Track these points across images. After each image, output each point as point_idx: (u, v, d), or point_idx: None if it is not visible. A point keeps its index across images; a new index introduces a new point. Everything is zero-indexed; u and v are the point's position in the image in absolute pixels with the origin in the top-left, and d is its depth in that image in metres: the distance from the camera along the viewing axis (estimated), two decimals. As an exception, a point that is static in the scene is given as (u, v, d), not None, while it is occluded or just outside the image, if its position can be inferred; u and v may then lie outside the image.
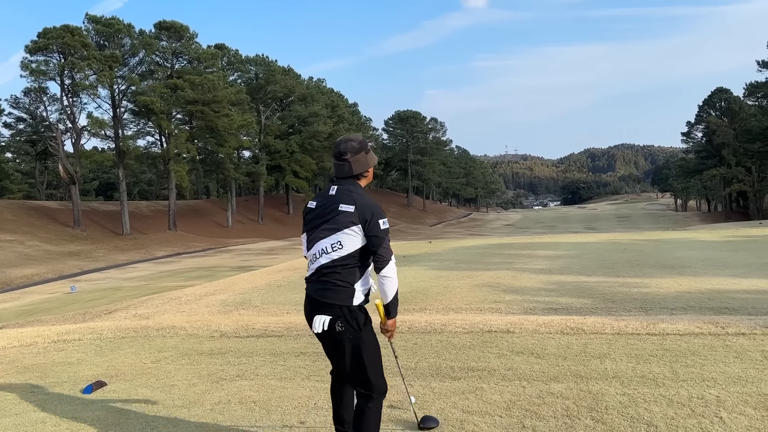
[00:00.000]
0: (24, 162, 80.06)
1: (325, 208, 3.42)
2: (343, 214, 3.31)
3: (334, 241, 3.32)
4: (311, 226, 3.48)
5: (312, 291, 3.43)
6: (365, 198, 3.38)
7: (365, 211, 3.31)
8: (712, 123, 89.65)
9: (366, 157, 3.48)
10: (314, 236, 3.42)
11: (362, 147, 3.47)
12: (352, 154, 3.43)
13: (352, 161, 3.43)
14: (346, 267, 3.33)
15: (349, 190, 3.39)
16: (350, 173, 3.44)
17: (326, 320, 3.31)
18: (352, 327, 3.34)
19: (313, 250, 3.42)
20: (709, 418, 3.98)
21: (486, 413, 4.37)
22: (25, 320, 15.55)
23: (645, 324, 6.68)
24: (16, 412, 5.19)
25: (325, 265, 3.35)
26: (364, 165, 3.48)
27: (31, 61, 52.50)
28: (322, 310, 3.34)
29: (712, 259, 14.73)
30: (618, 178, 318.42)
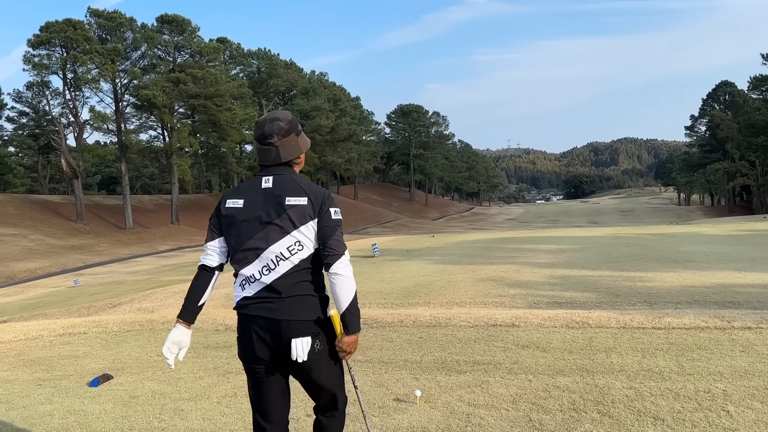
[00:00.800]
0: (27, 156, 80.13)
1: (260, 205, 2.75)
2: (296, 208, 2.71)
3: (291, 243, 2.71)
4: (242, 231, 2.77)
5: (273, 311, 2.70)
6: (314, 185, 2.84)
7: (318, 200, 2.75)
8: (716, 117, 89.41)
9: (297, 140, 2.86)
10: (254, 243, 2.74)
11: (292, 128, 2.85)
12: (280, 136, 2.81)
13: (279, 146, 2.81)
14: (313, 271, 2.79)
15: (290, 179, 2.79)
16: (278, 160, 2.81)
17: (308, 342, 2.70)
18: (328, 344, 2.80)
19: (258, 262, 2.73)
20: (716, 412, 3.98)
21: (492, 406, 4.38)
22: (30, 314, 15.59)
23: (650, 318, 6.68)
24: (24, 405, 5.20)
25: (286, 274, 2.70)
26: (295, 150, 2.86)
27: (33, 55, 52.53)
28: (296, 331, 2.69)
29: (716, 253, 14.72)
30: (621, 172, 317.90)
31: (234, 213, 2.80)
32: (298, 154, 2.87)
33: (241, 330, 2.80)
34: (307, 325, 2.71)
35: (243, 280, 2.78)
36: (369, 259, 17.53)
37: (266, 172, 2.82)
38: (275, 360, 2.76)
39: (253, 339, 2.73)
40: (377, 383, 5.11)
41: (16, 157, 77.69)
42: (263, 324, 2.71)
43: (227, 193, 2.91)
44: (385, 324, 7.37)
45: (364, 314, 8.08)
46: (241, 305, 2.80)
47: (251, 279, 2.75)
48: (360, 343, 6.48)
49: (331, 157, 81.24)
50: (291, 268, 2.72)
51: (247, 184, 2.87)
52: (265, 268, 2.72)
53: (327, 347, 2.79)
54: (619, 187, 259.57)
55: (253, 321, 2.73)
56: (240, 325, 2.82)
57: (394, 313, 8.30)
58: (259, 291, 2.73)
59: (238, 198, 2.82)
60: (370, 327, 7.31)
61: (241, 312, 2.80)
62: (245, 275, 2.76)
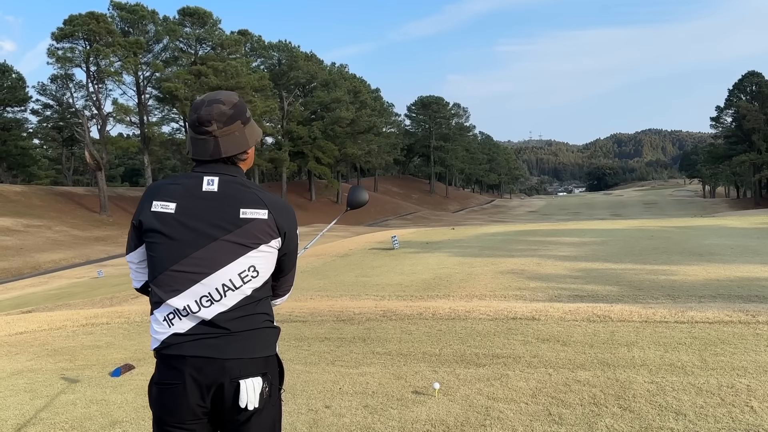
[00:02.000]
0: (51, 148, 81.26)
1: (201, 214, 2.08)
2: (253, 223, 2.08)
3: (243, 268, 2.07)
4: (172, 246, 2.07)
5: (218, 348, 2.05)
6: (272, 195, 2.19)
7: (283, 218, 2.15)
8: (742, 107, 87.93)
9: (244, 130, 2.16)
10: (190, 265, 2.06)
11: (237, 114, 2.15)
12: (220, 123, 2.11)
13: (219, 136, 2.11)
14: (264, 296, 2.17)
15: (242, 184, 2.13)
16: (216, 155, 2.11)
17: (259, 383, 2.07)
18: (278, 387, 2.19)
19: (194, 290, 2.05)
20: (740, 408, 3.91)
21: (512, 400, 4.35)
22: (54, 304, 15.84)
23: (673, 312, 6.59)
24: (47, 394, 5.28)
25: (235, 308, 2.06)
26: (240, 143, 2.16)
27: (57, 48, 53.30)
28: (247, 371, 2.06)
29: (741, 246, 14.49)
30: (645, 164, 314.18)
31: (161, 220, 2.09)
32: (244, 149, 2.17)
33: (166, 376, 2.07)
34: (257, 364, 2.08)
35: (170, 312, 2.07)
36: (389, 252, 17.53)
37: (207, 170, 2.13)
38: (211, 414, 2.10)
39: (186, 387, 2.03)
40: (396, 375, 5.10)
41: (40, 149, 78.82)
42: (203, 367, 2.03)
43: (150, 188, 2.18)
44: (405, 316, 7.36)
45: (384, 306, 8.09)
46: (167, 344, 2.07)
47: (183, 312, 2.05)
48: (379, 336, 6.50)
49: (351, 149, 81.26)
50: (241, 300, 2.08)
51: (180, 181, 2.14)
52: (206, 299, 2.05)
53: (275, 393, 2.16)
54: (643, 179, 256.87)
55: (188, 363, 2.04)
56: (163, 370, 2.09)
57: (414, 305, 8.29)
58: (196, 326, 2.06)
59: (167, 200, 2.10)
60: (389, 319, 7.31)
61: (166, 353, 2.08)
62: (174, 307, 2.06)
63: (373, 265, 14.79)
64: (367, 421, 4.12)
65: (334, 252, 18.96)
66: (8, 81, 64.18)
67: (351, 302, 9.18)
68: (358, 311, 7.82)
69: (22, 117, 68.64)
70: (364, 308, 8.01)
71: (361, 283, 12.04)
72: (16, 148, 64.90)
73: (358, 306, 8.31)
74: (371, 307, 8.04)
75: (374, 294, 10.64)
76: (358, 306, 8.31)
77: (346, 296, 10.52)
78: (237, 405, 2.04)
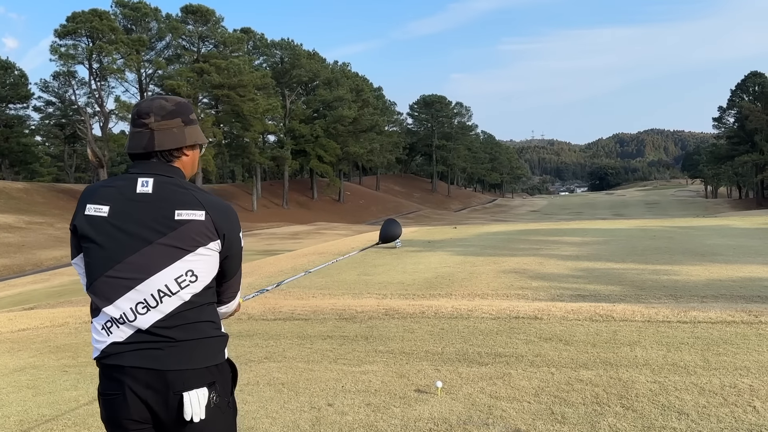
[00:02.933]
0: (53, 145, 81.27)
1: (135, 217, 2.01)
2: (189, 225, 2.00)
3: (180, 272, 1.99)
4: (106, 251, 2.00)
5: (159, 359, 1.97)
6: (211, 195, 2.10)
7: (222, 219, 2.06)
8: (744, 108, 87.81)
9: (184, 129, 2.13)
10: (124, 270, 1.99)
11: (178, 112, 2.13)
12: (158, 117, 2.09)
13: (155, 129, 2.08)
14: (208, 302, 2.09)
15: (178, 185, 2.06)
16: (150, 148, 2.07)
17: (204, 393, 1.99)
18: (227, 395, 2.09)
19: (129, 297, 1.98)
20: (742, 407, 3.91)
21: (514, 399, 4.35)
22: (56, 301, 15.85)
23: (676, 311, 6.59)
24: (50, 390, 5.29)
25: (172, 314, 1.99)
26: (177, 139, 2.11)
27: (60, 45, 53.42)
28: (191, 383, 1.98)
29: (743, 246, 14.48)
30: (647, 164, 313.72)
31: (95, 224, 2.02)
32: (179, 145, 2.11)
33: (106, 386, 2.02)
34: (202, 374, 2.00)
35: (107, 320, 2.00)
36: (391, 251, 17.53)
37: (143, 170, 2.08)
38: (156, 424, 2.02)
39: (127, 399, 1.96)
40: (398, 374, 5.11)
41: (42, 147, 78.83)
42: (143, 378, 1.96)
43: (85, 191, 2.12)
44: (407, 315, 7.36)
45: (386, 305, 8.09)
46: (107, 354, 2.01)
47: (119, 320, 1.99)
48: (381, 334, 6.51)
49: (353, 147, 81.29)
50: (179, 306, 2.00)
51: (115, 183, 2.09)
52: (141, 305, 1.98)
53: (224, 401, 2.07)
54: (645, 179, 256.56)
55: (127, 374, 1.97)
56: (104, 380, 2.04)
57: (416, 304, 8.30)
58: (133, 334, 1.99)
59: (101, 203, 2.04)
60: (391, 318, 7.31)
61: (107, 363, 2.02)
62: (110, 315, 1.99)
63: (375, 263, 14.79)
64: (370, 419, 4.13)
65: (336, 250, 18.97)
66: (11, 78, 64.17)
67: (353, 301, 9.19)
68: (361, 310, 7.83)
69: (25, 114, 68.67)
70: (366, 307, 8.02)
71: (363, 282, 12.04)
72: (18, 145, 64.94)
73: (361, 304, 8.31)
74: (373, 306, 8.05)
75: (376, 292, 10.65)
76: (361, 304, 8.31)
77: (348, 295, 10.53)
78: (182, 417, 1.96)
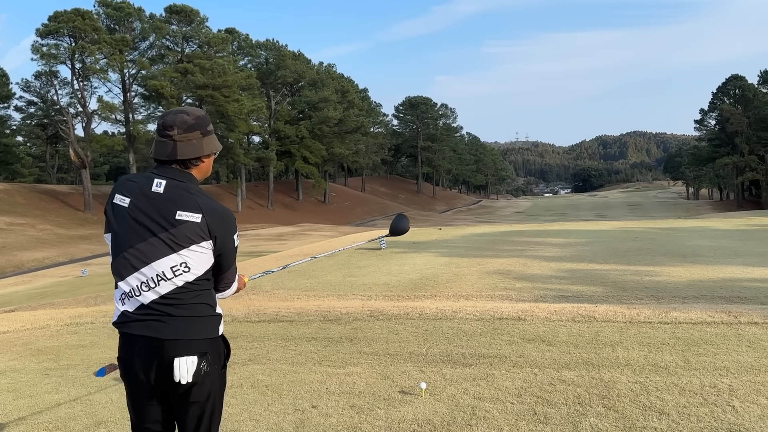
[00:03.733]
0: (35, 146, 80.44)
1: (146, 211, 2.41)
2: (186, 225, 2.37)
3: (175, 263, 2.37)
4: (123, 235, 2.45)
5: (158, 330, 2.37)
6: (211, 201, 2.45)
7: (216, 223, 2.41)
8: (725, 111, 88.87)
9: (202, 140, 2.49)
10: (133, 254, 2.40)
11: (198, 125, 2.48)
12: (181, 130, 2.44)
13: (178, 140, 2.43)
14: (203, 288, 2.47)
15: (186, 189, 2.43)
16: (173, 156, 2.43)
17: (194, 361, 2.36)
18: (216, 366, 2.47)
19: (135, 277, 2.39)
20: (722, 407, 3.96)
21: (497, 400, 4.38)
22: (38, 303, 15.69)
23: (657, 312, 6.66)
24: (30, 394, 5.24)
25: (168, 295, 2.38)
26: (196, 150, 2.47)
27: (42, 45, 52.78)
28: (182, 350, 2.36)
29: (724, 247, 14.65)
30: (630, 166, 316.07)
31: (117, 212, 2.48)
32: (198, 155, 2.48)
33: (122, 350, 2.46)
34: (194, 344, 2.39)
35: (122, 293, 2.44)
36: (376, 252, 17.54)
37: (160, 173, 2.46)
38: (157, 385, 2.40)
39: (134, 362, 2.40)
40: (383, 375, 5.12)
41: (24, 147, 78.01)
42: (146, 345, 2.37)
43: (117, 181, 2.58)
44: (391, 316, 7.37)
45: (371, 306, 8.10)
46: (120, 322, 2.45)
47: (129, 294, 2.41)
48: (366, 335, 6.52)
49: (338, 148, 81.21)
50: (174, 289, 2.38)
51: (138, 180, 2.50)
52: (144, 285, 2.38)
53: (216, 370, 2.46)
54: (628, 180, 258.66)
55: (135, 342, 2.40)
56: (120, 346, 2.47)
57: (401, 305, 8.31)
58: (138, 308, 2.40)
59: (125, 195, 2.47)
60: (376, 319, 7.32)
61: (121, 330, 2.46)
62: (122, 289, 2.43)
63: (360, 265, 14.79)
64: (354, 420, 4.14)
65: (321, 251, 18.94)
66: (-9, 77, 63.47)
67: (338, 302, 9.19)
68: (345, 311, 7.82)
69: (6, 114, 67.85)
70: (351, 308, 8.02)
71: (348, 283, 12.04)
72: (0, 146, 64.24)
73: (345, 306, 8.31)
74: (358, 307, 8.05)
75: (361, 294, 10.65)
76: (345, 306, 8.31)
77: (333, 296, 10.52)
78: (173, 379, 2.36)
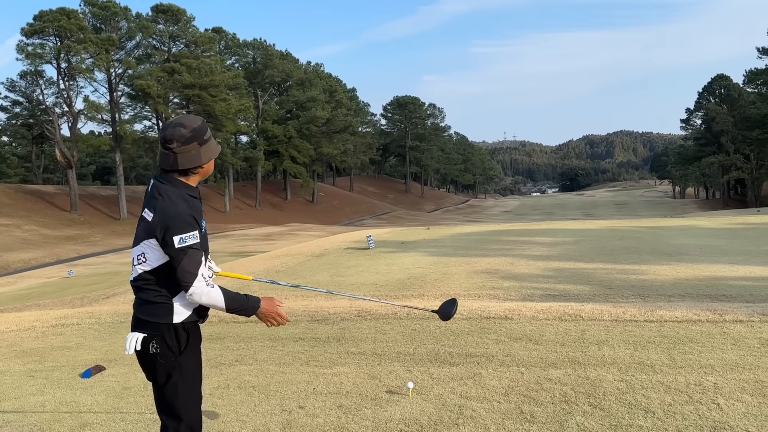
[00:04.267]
0: (20, 146, 79.74)
1: (143, 206, 2.86)
2: (145, 222, 2.75)
3: (138, 252, 2.78)
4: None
5: (135, 307, 2.90)
6: (168, 205, 2.69)
7: (158, 224, 2.67)
8: (711, 110, 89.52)
9: (199, 150, 2.74)
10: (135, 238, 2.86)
11: (195, 136, 2.73)
12: (180, 143, 2.71)
13: (178, 153, 2.72)
14: (160, 279, 2.77)
15: (158, 192, 2.74)
16: (175, 167, 2.73)
17: (139, 338, 2.76)
18: (169, 350, 2.77)
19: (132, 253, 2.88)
20: (707, 405, 3.99)
21: (484, 399, 4.38)
22: (23, 304, 15.56)
23: (643, 311, 6.70)
24: (15, 396, 5.20)
25: (138, 277, 2.80)
26: (195, 160, 2.75)
27: (27, 44, 52.25)
28: (138, 326, 2.80)
29: (709, 246, 14.76)
30: (616, 165, 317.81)
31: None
32: (197, 164, 2.76)
33: None
34: (143, 324, 2.79)
35: None
36: (364, 251, 17.53)
37: (156, 177, 2.81)
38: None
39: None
40: (370, 375, 5.11)
41: (9, 147, 77.33)
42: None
43: None
44: (379, 316, 7.37)
45: (359, 306, 8.09)
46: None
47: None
48: (354, 335, 6.51)
49: (326, 148, 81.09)
50: (140, 274, 2.78)
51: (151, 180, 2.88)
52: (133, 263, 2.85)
53: (170, 354, 2.77)
54: (615, 179, 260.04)
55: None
56: None
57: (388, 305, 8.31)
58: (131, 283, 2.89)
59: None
60: (363, 319, 7.32)
61: None
62: None
63: (348, 264, 14.78)
64: (341, 421, 4.13)
65: (309, 252, 18.91)
66: (-24, 77, 62.80)
67: (326, 302, 9.17)
68: (333, 311, 7.82)
69: (-10, 114, 67.33)
70: (338, 308, 8.01)
71: (336, 283, 12.03)
72: (-16, 146, 63.63)
73: (333, 306, 8.30)
74: (346, 307, 8.05)
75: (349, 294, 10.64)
76: (333, 306, 8.30)
77: (321, 296, 10.51)
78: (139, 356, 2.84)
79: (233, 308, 2.81)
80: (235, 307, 2.82)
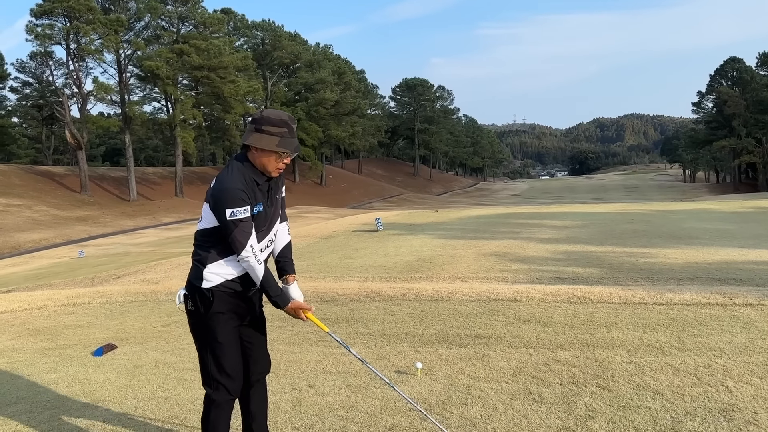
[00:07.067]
0: (30, 127, 79.93)
1: None
2: (208, 190, 3.04)
3: (203, 210, 3.05)
4: None
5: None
6: (224, 179, 2.96)
7: (212, 192, 2.97)
8: (723, 93, 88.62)
9: (254, 133, 2.99)
10: None
11: (255, 122, 3.03)
12: (249, 122, 3.10)
13: (247, 129, 3.08)
14: (204, 243, 3.05)
15: (227, 166, 3.05)
16: (243, 140, 3.07)
17: (181, 294, 3.11)
18: (197, 310, 3.07)
19: None
20: (716, 387, 4.00)
21: (492, 379, 4.41)
22: (35, 284, 15.70)
23: (652, 294, 6.68)
24: (28, 373, 5.26)
25: (195, 234, 3.13)
26: (246, 138, 3.04)
27: (36, 25, 52.22)
28: (187, 283, 3.14)
29: (720, 230, 14.69)
30: (627, 149, 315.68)
31: None
32: (244, 141, 3.03)
33: None
34: (188, 283, 3.10)
35: None
36: (372, 234, 17.56)
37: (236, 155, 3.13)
38: None
39: None
40: (379, 355, 5.15)
41: (20, 128, 77.45)
42: None
43: None
44: (388, 297, 7.40)
45: (367, 287, 8.12)
46: None
47: None
48: (363, 316, 6.54)
49: (335, 130, 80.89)
50: (196, 231, 3.10)
51: None
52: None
53: (197, 314, 3.07)
54: (625, 163, 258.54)
55: None
56: None
57: (397, 287, 8.34)
58: None
59: None
60: (372, 300, 7.34)
61: None
62: None
63: (356, 246, 14.82)
64: (350, 399, 4.17)
65: (317, 234, 18.95)
66: (-15, 58, 62.90)
67: (335, 283, 9.21)
68: (342, 292, 7.85)
69: (1, 95, 67.58)
70: (347, 289, 8.04)
71: (345, 265, 12.06)
72: (-5, 127, 63.85)
73: (342, 287, 8.33)
74: (355, 289, 8.08)
75: (358, 275, 10.68)
76: (342, 287, 8.33)
77: (330, 278, 10.55)
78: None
79: (265, 289, 3.10)
80: (265, 290, 3.10)
